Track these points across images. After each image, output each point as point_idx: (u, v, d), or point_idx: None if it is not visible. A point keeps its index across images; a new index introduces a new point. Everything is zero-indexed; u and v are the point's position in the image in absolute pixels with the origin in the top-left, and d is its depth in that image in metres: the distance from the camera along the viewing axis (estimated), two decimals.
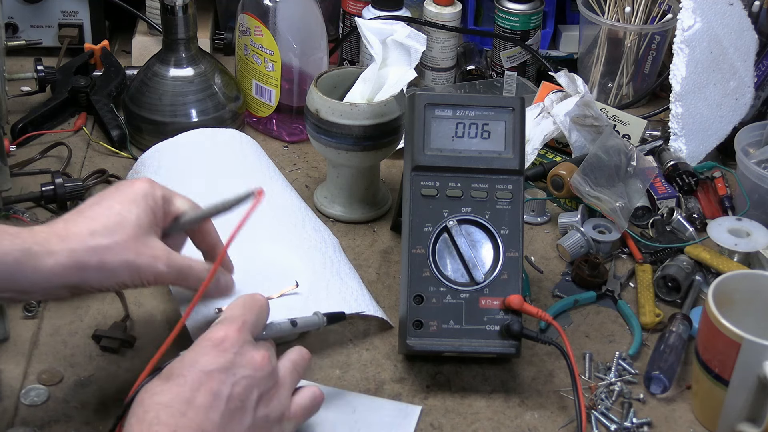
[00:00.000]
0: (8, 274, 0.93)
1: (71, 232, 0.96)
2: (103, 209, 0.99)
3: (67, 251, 0.95)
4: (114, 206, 0.99)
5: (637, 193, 1.34)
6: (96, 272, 0.96)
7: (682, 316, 1.18)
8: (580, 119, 1.41)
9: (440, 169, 1.13)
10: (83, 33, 1.69)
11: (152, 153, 1.34)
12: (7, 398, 1.07)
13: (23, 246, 0.93)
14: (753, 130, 1.40)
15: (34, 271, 0.94)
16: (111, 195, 1.01)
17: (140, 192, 1.01)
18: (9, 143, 1.42)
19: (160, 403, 0.89)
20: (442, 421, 1.08)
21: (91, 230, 0.97)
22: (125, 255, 0.97)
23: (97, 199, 1.01)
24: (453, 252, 1.12)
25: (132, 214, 0.99)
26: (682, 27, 1.44)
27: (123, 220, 0.98)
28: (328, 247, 1.23)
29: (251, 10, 1.48)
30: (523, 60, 1.66)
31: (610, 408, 1.10)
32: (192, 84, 1.47)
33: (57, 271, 0.94)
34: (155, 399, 0.89)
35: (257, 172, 1.32)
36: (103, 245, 0.96)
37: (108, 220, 0.98)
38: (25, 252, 0.93)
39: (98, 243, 0.96)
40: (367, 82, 1.33)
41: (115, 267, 0.97)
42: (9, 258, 0.93)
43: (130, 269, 0.98)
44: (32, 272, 0.94)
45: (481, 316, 1.10)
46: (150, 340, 1.15)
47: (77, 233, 0.96)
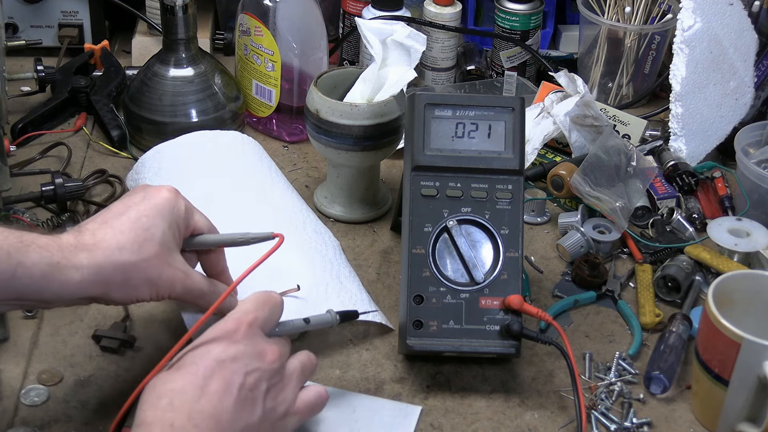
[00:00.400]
0: (35, 287, 0.93)
1: (99, 246, 0.96)
2: (131, 222, 0.98)
3: (95, 267, 0.95)
4: (141, 219, 0.99)
5: (637, 193, 1.34)
6: (119, 288, 0.97)
7: (682, 316, 1.18)
8: (580, 119, 1.41)
9: (440, 169, 1.13)
10: (83, 33, 1.69)
11: (152, 154, 1.34)
12: (7, 398, 1.07)
13: (51, 260, 0.93)
14: (753, 130, 1.40)
15: (60, 285, 0.94)
16: (137, 204, 1.00)
17: (167, 204, 1.01)
18: (9, 143, 1.42)
19: (173, 390, 0.89)
20: (442, 421, 1.08)
21: (119, 245, 0.97)
22: (149, 273, 0.98)
23: (123, 207, 1.00)
24: (453, 252, 1.12)
25: (159, 230, 0.99)
26: (682, 27, 1.44)
27: (150, 237, 0.98)
28: (328, 249, 1.23)
29: (251, 10, 1.48)
30: (523, 60, 1.66)
31: (610, 408, 1.10)
32: (192, 84, 1.47)
33: (82, 286, 0.95)
34: (168, 386, 0.90)
35: (259, 174, 1.32)
36: (130, 262, 0.97)
37: (136, 235, 0.98)
38: (53, 266, 0.93)
39: (126, 260, 0.96)
40: (367, 82, 1.33)
41: (137, 284, 0.98)
42: (36, 270, 0.92)
43: (150, 287, 0.99)
44: (58, 286, 0.94)
45: (481, 316, 1.10)
46: (150, 340, 1.15)
47: (105, 247, 0.96)
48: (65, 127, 1.53)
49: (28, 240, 0.93)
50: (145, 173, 1.32)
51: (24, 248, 0.92)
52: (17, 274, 0.91)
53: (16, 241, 0.93)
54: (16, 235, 0.93)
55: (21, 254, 0.92)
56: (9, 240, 0.92)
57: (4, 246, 0.91)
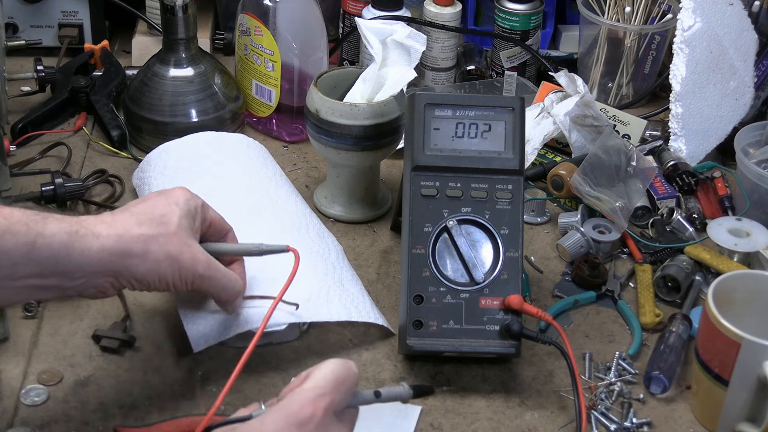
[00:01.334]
0: (54, 257, 0.93)
1: (117, 221, 0.98)
2: (148, 207, 1.01)
3: (114, 236, 0.96)
4: (158, 205, 1.02)
5: (637, 193, 1.34)
6: (140, 260, 0.97)
7: (682, 316, 1.18)
8: (580, 119, 1.41)
9: (440, 169, 1.13)
10: (83, 33, 1.69)
11: (158, 153, 1.34)
12: (7, 398, 1.07)
13: (70, 229, 0.94)
14: (753, 130, 1.40)
15: (80, 254, 0.94)
16: (154, 197, 1.04)
17: (182, 197, 1.04)
18: (9, 143, 1.42)
19: None
20: (442, 421, 1.08)
21: (138, 220, 0.99)
22: (169, 247, 0.99)
23: (141, 200, 1.04)
24: (453, 252, 1.12)
25: (175, 216, 1.01)
26: (682, 27, 1.44)
27: (167, 218, 1.00)
28: (331, 253, 1.23)
29: (251, 10, 1.48)
30: (523, 60, 1.66)
31: (610, 408, 1.10)
32: (192, 84, 1.47)
33: (103, 255, 0.95)
34: None
35: (263, 177, 1.32)
36: (149, 234, 0.98)
37: (153, 215, 1.00)
38: (72, 234, 0.94)
39: (144, 232, 0.98)
40: (367, 82, 1.33)
41: (158, 258, 0.98)
42: (55, 240, 0.93)
43: (172, 263, 0.99)
44: (78, 255, 0.94)
45: (481, 316, 1.10)
46: (150, 340, 1.15)
47: (124, 222, 0.98)
48: (65, 127, 1.53)
49: (46, 214, 0.95)
50: (150, 172, 1.33)
51: (42, 220, 0.93)
52: (37, 245, 0.92)
53: (34, 215, 0.94)
54: (33, 211, 0.95)
55: (40, 225, 0.93)
56: (27, 214, 0.93)
57: (23, 219, 0.92)
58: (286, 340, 1.15)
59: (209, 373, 1.11)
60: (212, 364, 1.13)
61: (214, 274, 1.03)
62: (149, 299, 1.21)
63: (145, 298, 1.21)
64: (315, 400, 0.86)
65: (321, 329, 1.18)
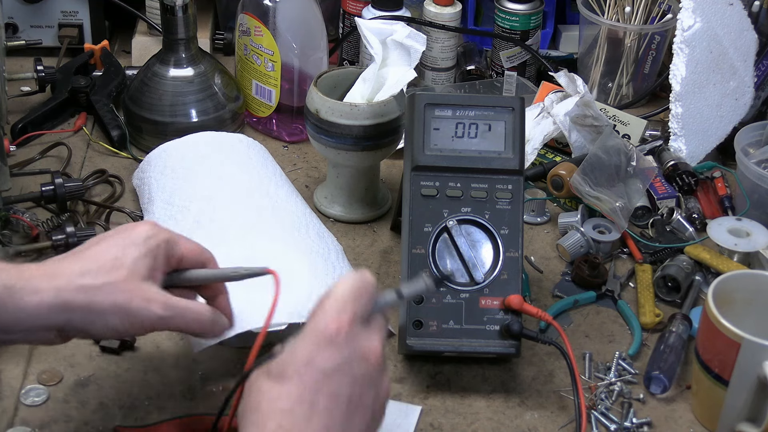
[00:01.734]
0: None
1: (61, 272, 0.93)
2: (100, 251, 0.95)
3: (53, 290, 0.91)
4: (111, 249, 0.95)
5: (637, 193, 1.34)
6: (82, 314, 0.92)
7: (682, 316, 1.18)
8: (580, 119, 1.41)
9: (440, 169, 1.13)
10: (83, 33, 1.69)
11: (159, 153, 1.34)
12: (7, 398, 1.07)
13: (7, 282, 0.90)
14: (753, 130, 1.40)
15: (16, 308, 0.90)
16: (111, 237, 0.97)
17: (142, 235, 0.97)
18: (9, 143, 1.42)
19: (282, 410, 0.83)
20: (442, 421, 1.08)
21: (82, 270, 0.93)
22: (115, 296, 0.93)
23: (97, 240, 0.98)
24: (453, 252, 1.12)
25: (128, 258, 0.95)
26: (682, 27, 1.44)
27: (118, 263, 0.94)
28: (331, 253, 1.23)
29: (251, 10, 1.48)
30: (523, 60, 1.66)
31: (610, 408, 1.10)
32: (192, 84, 1.47)
33: (41, 310, 0.91)
34: (274, 405, 0.84)
35: (263, 177, 1.32)
36: (93, 285, 0.92)
37: (103, 262, 0.94)
38: (9, 288, 0.90)
39: (88, 283, 0.92)
40: (367, 82, 1.33)
41: (104, 309, 0.92)
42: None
43: (120, 312, 0.93)
44: (14, 309, 0.90)
45: (481, 316, 1.10)
46: (149, 340, 1.15)
47: (67, 273, 0.93)
48: (65, 127, 1.53)
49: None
50: (150, 172, 1.33)
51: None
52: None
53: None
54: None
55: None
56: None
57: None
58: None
59: (209, 373, 1.12)
60: (212, 364, 1.13)
61: (177, 312, 0.96)
62: None
63: None
64: (338, 314, 0.86)
65: None
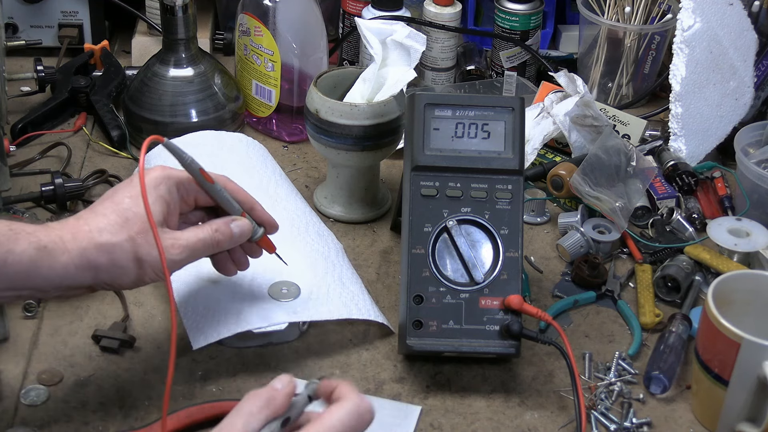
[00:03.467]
0: (24, 273, 0.94)
1: (82, 230, 0.97)
2: (114, 204, 0.99)
3: (78, 250, 0.96)
4: (124, 200, 0.99)
5: (637, 193, 1.34)
6: (107, 270, 0.97)
7: (681, 316, 1.18)
8: (580, 119, 1.41)
9: (440, 169, 1.13)
10: (83, 33, 1.69)
11: (158, 152, 1.34)
12: (7, 398, 1.07)
13: (39, 244, 0.94)
14: (753, 130, 1.40)
15: (48, 269, 0.94)
16: (123, 188, 1.01)
17: (152, 183, 1.01)
18: (9, 143, 1.42)
19: None
20: (442, 421, 1.08)
21: (99, 227, 0.97)
22: (134, 251, 0.97)
23: (111, 193, 1.02)
24: (453, 252, 1.12)
25: (141, 207, 0.98)
26: (682, 27, 1.44)
27: (132, 215, 0.98)
28: (330, 251, 1.23)
29: (251, 10, 1.48)
30: (523, 60, 1.66)
31: (610, 408, 1.10)
32: (192, 84, 1.47)
33: (69, 270, 0.95)
34: None
35: (263, 176, 1.32)
36: (111, 242, 0.97)
37: (117, 216, 0.98)
38: (41, 250, 0.94)
39: (106, 240, 0.97)
40: (367, 82, 1.33)
41: (125, 264, 0.97)
42: (24, 257, 0.93)
43: (143, 264, 0.98)
44: (47, 271, 0.94)
45: (481, 316, 1.10)
46: (150, 340, 1.15)
47: (87, 231, 0.97)
48: (65, 127, 1.53)
49: (17, 228, 0.95)
50: None
51: (14, 236, 0.94)
52: (8, 262, 0.93)
53: (6, 229, 0.94)
54: (5, 224, 0.95)
55: (11, 242, 0.93)
56: (1, 229, 0.93)
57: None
58: (286, 340, 1.15)
59: (209, 373, 1.12)
60: (212, 364, 1.13)
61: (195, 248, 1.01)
62: (149, 299, 1.21)
63: (145, 298, 1.21)
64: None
65: (321, 329, 1.18)
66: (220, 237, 1.04)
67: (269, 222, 1.10)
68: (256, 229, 1.08)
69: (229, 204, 1.06)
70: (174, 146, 1.03)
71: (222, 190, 1.06)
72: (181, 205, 1.04)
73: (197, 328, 1.10)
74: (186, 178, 1.04)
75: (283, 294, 1.15)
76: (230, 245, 1.06)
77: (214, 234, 1.03)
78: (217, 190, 1.05)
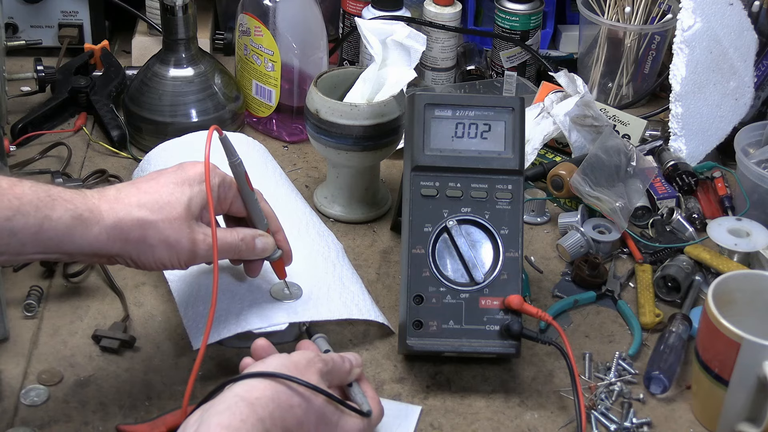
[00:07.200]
0: (58, 239, 0.95)
1: (121, 202, 0.99)
2: (158, 185, 1.01)
3: (114, 219, 0.97)
4: (169, 185, 1.01)
5: (637, 193, 1.34)
6: (136, 245, 0.99)
7: (682, 316, 1.18)
8: (580, 119, 1.41)
9: (440, 169, 1.13)
10: (83, 33, 1.69)
11: (158, 152, 1.35)
12: (7, 398, 1.07)
13: (75, 212, 0.96)
14: (753, 130, 1.40)
15: (81, 237, 0.96)
16: (169, 173, 1.03)
17: (198, 176, 1.03)
18: (9, 143, 1.42)
19: None
20: (442, 421, 1.08)
21: (140, 203, 0.99)
22: (167, 234, 0.99)
23: (155, 174, 1.04)
24: (453, 252, 1.12)
25: (185, 196, 1.01)
26: (682, 27, 1.44)
27: (175, 200, 1.00)
28: (331, 251, 1.23)
29: (251, 10, 1.48)
30: (523, 60, 1.66)
31: (610, 408, 1.10)
32: (192, 84, 1.47)
33: (101, 238, 0.97)
34: None
35: (263, 176, 1.32)
36: (148, 220, 0.99)
37: (159, 197, 1.00)
38: (77, 218, 0.96)
39: (144, 216, 0.98)
40: (367, 82, 1.33)
41: (154, 243, 0.99)
42: (60, 223, 0.95)
43: (169, 249, 1.00)
44: (80, 238, 0.96)
45: (481, 316, 1.10)
46: (150, 340, 1.15)
47: (126, 203, 0.99)
48: (65, 127, 1.53)
49: (55, 194, 0.96)
50: (150, 170, 1.33)
51: (51, 202, 0.95)
52: (44, 228, 0.94)
53: (44, 195, 0.95)
54: (43, 189, 0.96)
55: (48, 208, 0.95)
56: (38, 194, 0.95)
57: (33, 200, 0.94)
58: (287, 341, 1.15)
59: (209, 373, 1.12)
60: (212, 364, 1.13)
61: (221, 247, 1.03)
62: (149, 299, 1.21)
63: (145, 298, 1.21)
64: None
65: (321, 329, 1.17)
66: (243, 247, 1.06)
67: (287, 252, 1.12)
68: (275, 251, 1.10)
69: (260, 217, 1.09)
70: (229, 144, 1.05)
71: (257, 201, 1.08)
72: (217, 206, 1.06)
73: (197, 328, 1.10)
74: (229, 181, 1.06)
75: (284, 294, 1.15)
76: (248, 257, 1.09)
77: (240, 242, 1.06)
78: (254, 200, 1.08)
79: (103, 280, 1.23)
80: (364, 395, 0.99)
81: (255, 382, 0.91)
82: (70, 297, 1.21)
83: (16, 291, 1.20)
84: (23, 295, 1.19)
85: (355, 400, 0.98)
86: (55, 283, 1.23)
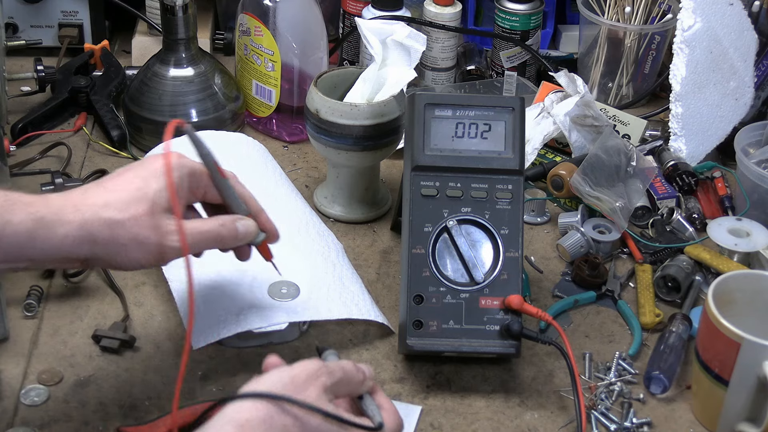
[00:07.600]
0: (20, 245, 0.92)
1: (86, 202, 0.95)
2: (124, 182, 0.98)
3: (79, 222, 0.94)
4: (134, 180, 0.98)
5: (637, 193, 1.34)
6: (106, 246, 0.95)
7: (682, 316, 1.18)
8: (580, 119, 1.41)
9: (440, 169, 1.13)
10: (83, 33, 1.69)
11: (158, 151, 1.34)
12: (7, 398, 1.07)
13: (36, 215, 0.92)
14: (753, 130, 1.40)
15: (44, 241, 0.93)
16: (135, 168, 1.00)
17: (163, 168, 0.99)
18: (9, 143, 1.42)
19: None
20: (442, 421, 1.08)
21: (106, 202, 0.95)
22: (137, 231, 0.95)
23: (121, 171, 1.00)
24: (453, 252, 1.12)
25: (151, 190, 0.97)
26: (682, 27, 1.44)
27: (141, 195, 0.96)
28: (331, 251, 1.23)
29: (251, 10, 1.48)
30: (523, 60, 1.66)
31: (610, 408, 1.10)
32: (192, 84, 1.47)
33: (67, 242, 0.93)
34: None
35: (263, 176, 1.32)
36: (115, 219, 0.95)
37: (125, 194, 0.96)
38: (38, 221, 0.92)
39: (111, 216, 0.95)
40: (367, 82, 1.33)
41: (126, 243, 0.95)
42: (21, 228, 0.92)
43: (142, 247, 0.96)
44: (43, 242, 0.93)
45: (481, 316, 1.10)
46: (150, 340, 1.15)
47: (92, 204, 0.95)
48: (65, 127, 1.53)
49: (14, 198, 0.93)
50: None
51: (10, 206, 0.92)
52: (5, 233, 0.91)
53: (2, 200, 0.92)
54: (1, 194, 0.93)
55: (8, 213, 0.92)
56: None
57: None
58: (286, 340, 1.15)
59: (209, 373, 1.12)
60: (212, 364, 1.13)
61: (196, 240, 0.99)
62: (149, 299, 1.21)
63: (145, 298, 1.21)
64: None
65: (321, 329, 1.18)
66: (224, 232, 1.02)
67: (272, 231, 1.08)
68: (258, 234, 1.07)
69: (237, 203, 1.04)
70: (195, 136, 1.02)
71: (232, 188, 1.04)
72: (189, 195, 1.02)
73: (197, 328, 1.10)
74: (199, 170, 1.02)
75: (283, 294, 1.15)
76: (233, 243, 1.04)
77: (219, 228, 1.01)
78: (227, 186, 1.04)
79: (103, 280, 1.23)
80: (378, 407, 0.94)
81: (247, 402, 0.86)
82: (70, 297, 1.21)
83: (16, 291, 1.20)
84: (23, 295, 1.19)
85: (366, 412, 0.94)
86: (55, 283, 1.23)
